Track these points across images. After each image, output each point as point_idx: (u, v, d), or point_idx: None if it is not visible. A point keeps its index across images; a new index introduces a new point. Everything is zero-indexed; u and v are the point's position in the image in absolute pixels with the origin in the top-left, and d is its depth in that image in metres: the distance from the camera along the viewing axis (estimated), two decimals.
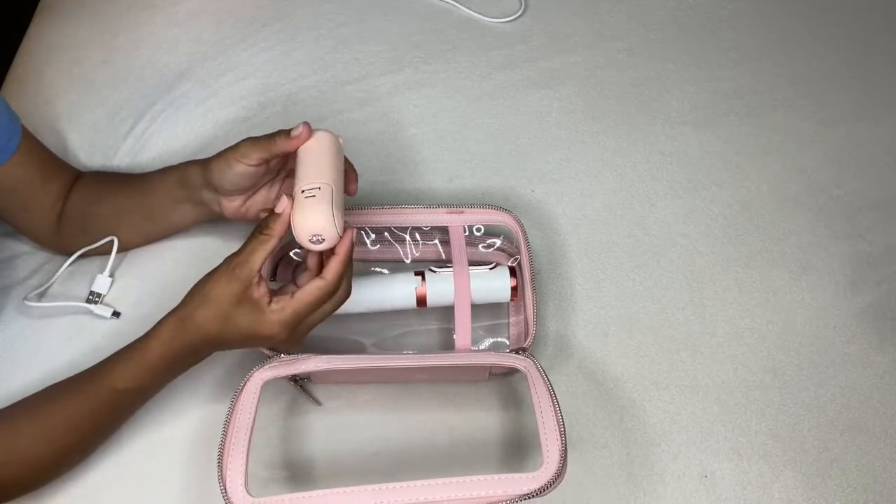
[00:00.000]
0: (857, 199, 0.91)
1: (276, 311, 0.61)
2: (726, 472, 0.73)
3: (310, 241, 0.61)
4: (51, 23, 1.02)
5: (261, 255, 0.61)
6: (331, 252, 0.63)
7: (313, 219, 0.60)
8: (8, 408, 0.65)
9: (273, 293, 0.62)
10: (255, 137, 0.67)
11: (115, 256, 0.79)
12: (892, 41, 1.05)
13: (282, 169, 0.72)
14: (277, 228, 0.61)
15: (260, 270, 0.61)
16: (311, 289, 0.61)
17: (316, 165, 0.64)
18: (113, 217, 0.78)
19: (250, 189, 0.71)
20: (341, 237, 0.62)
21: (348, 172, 0.69)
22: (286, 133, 0.66)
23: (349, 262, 0.63)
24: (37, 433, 0.64)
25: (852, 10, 1.08)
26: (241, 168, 0.67)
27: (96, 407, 0.65)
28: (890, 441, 0.75)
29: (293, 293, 0.61)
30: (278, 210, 0.61)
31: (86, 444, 0.68)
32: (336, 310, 0.65)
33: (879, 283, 0.84)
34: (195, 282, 0.64)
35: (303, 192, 0.61)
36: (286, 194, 0.62)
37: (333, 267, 0.62)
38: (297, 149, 0.66)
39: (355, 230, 0.63)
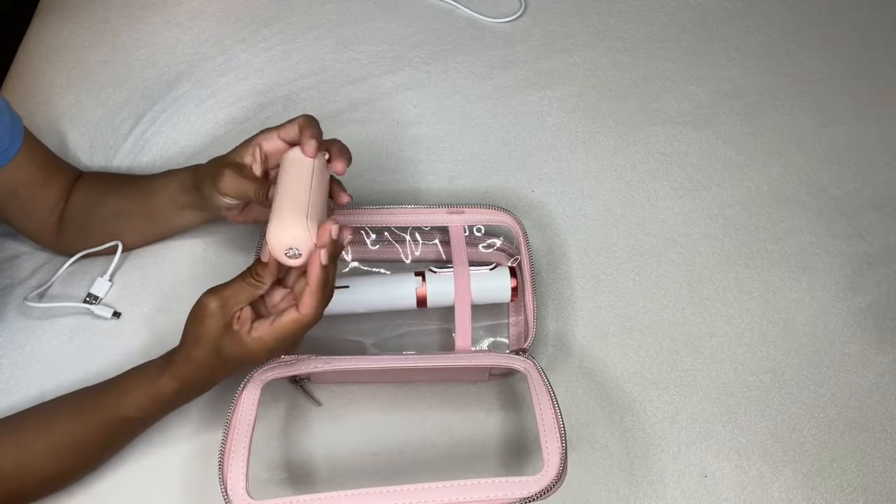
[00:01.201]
0: (857, 199, 0.91)
1: (256, 340, 0.61)
2: (726, 472, 0.73)
3: (286, 255, 0.60)
4: (51, 23, 1.02)
5: (246, 298, 0.61)
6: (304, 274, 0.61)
7: (287, 231, 0.59)
8: (17, 418, 0.66)
9: (253, 315, 0.62)
10: (238, 169, 0.66)
11: (117, 259, 0.79)
12: (892, 41, 1.05)
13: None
14: (267, 279, 0.61)
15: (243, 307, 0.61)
16: (286, 321, 0.60)
17: (291, 189, 0.62)
18: (114, 218, 0.78)
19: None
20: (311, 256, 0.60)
21: (332, 154, 0.67)
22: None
23: (325, 286, 0.60)
24: (44, 451, 0.64)
25: (853, 10, 1.08)
26: (226, 199, 0.68)
27: (107, 432, 0.66)
28: (890, 441, 0.75)
29: (273, 320, 0.60)
30: (265, 259, 0.60)
31: (93, 462, 0.68)
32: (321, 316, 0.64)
33: (879, 283, 0.84)
34: (193, 284, 0.64)
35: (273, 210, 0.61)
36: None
37: (307, 301, 0.60)
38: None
39: (324, 251, 0.60)
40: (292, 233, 0.59)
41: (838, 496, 0.72)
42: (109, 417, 0.64)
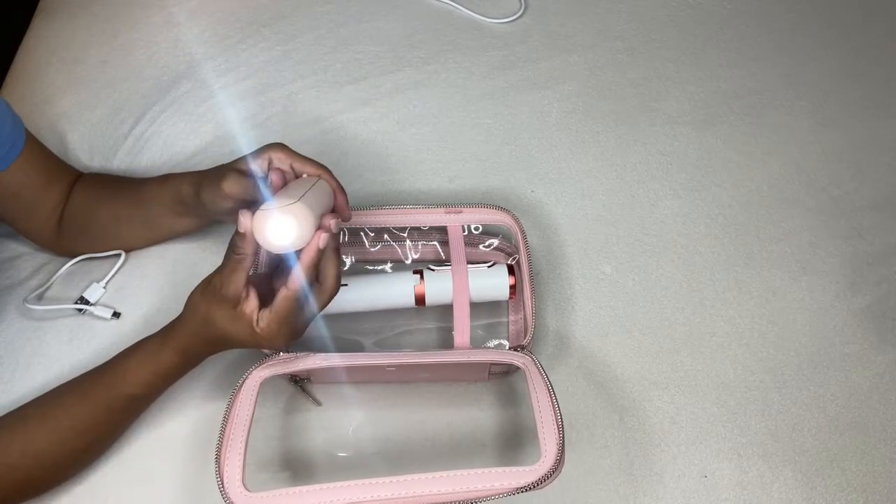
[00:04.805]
0: (857, 199, 0.91)
1: (265, 329, 0.61)
2: (726, 472, 0.73)
3: (271, 231, 0.57)
4: (51, 23, 1.02)
5: (241, 276, 0.60)
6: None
7: (275, 214, 0.57)
8: (20, 409, 0.66)
9: (260, 304, 0.62)
10: (241, 173, 0.66)
11: (116, 268, 0.80)
12: (891, 42, 1.05)
13: None
14: (247, 248, 0.60)
15: (245, 287, 0.61)
16: (279, 301, 0.61)
17: (291, 186, 0.62)
18: (113, 222, 0.78)
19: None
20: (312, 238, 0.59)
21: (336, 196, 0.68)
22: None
23: (314, 265, 0.61)
24: (50, 437, 0.65)
25: (852, 10, 1.08)
26: (230, 202, 0.67)
27: (111, 412, 0.66)
28: (890, 441, 0.75)
29: (271, 307, 0.61)
30: (242, 229, 0.59)
31: (99, 445, 0.69)
32: (328, 303, 0.64)
33: (879, 283, 0.84)
34: (192, 284, 0.64)
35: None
36: (249, 210, 0.59)
37: (294, 277, 0.60)
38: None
39: (324, 235, 0.60)
40: (280, 218, 0.57)
41: (838, 496, 0.72)
42: (114, 397, 0.65)
